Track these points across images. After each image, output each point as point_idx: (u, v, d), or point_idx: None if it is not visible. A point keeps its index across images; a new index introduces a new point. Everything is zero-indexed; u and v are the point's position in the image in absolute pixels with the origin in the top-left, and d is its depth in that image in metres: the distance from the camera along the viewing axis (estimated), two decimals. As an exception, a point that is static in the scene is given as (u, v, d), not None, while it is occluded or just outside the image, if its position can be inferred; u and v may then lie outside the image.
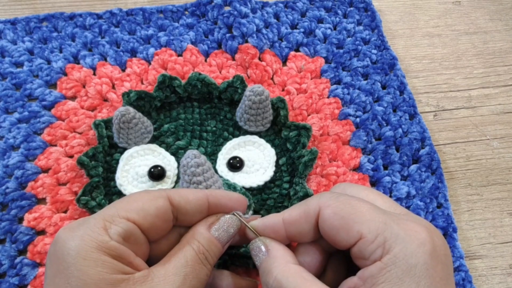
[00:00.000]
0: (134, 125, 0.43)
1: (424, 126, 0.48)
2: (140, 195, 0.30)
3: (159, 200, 0.29)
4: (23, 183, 0.43)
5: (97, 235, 0.26)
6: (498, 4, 0.62)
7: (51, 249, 0.27)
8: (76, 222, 0.28)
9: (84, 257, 0.26)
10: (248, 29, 0.53)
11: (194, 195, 0.31)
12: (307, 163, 0.43)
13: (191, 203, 0.30)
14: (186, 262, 0.28)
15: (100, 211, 0.29)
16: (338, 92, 0.50)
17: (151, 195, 0.29)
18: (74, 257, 0.26)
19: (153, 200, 0.29)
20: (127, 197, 0.30)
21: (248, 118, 0.45)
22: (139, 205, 0.29)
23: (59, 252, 0.26)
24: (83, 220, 0.28)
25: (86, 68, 0.51)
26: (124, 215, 0.28)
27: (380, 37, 0.55)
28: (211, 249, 0.30)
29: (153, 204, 0.29)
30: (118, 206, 0.29)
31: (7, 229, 0.40)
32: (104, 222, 0.27)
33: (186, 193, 0.31)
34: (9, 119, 0.47)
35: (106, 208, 0.29)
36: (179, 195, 0.30)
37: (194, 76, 0.48)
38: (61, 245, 0.26)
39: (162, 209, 0.29)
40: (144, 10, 0.56)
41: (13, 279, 0.38)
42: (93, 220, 0.27)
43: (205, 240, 0.30)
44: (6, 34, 0.53)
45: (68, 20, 0.55)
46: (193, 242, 0.30)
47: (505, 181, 0.47)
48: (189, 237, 0.30)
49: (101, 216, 0.28)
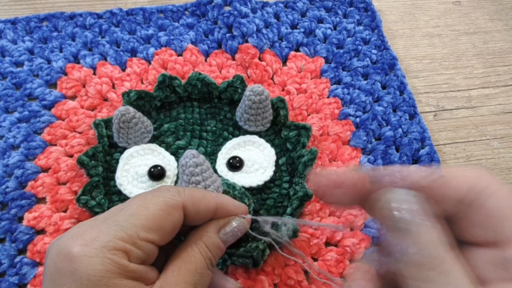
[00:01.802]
0: (134, 124, 0.43)
1: (424, 126, 0.48)
2: (156, 206, 0.28)
3: (175, 214, 0.28)
4: (23, 183, 0.43)
5: (119, 259, 0.26)
6: (498, 4, 0.62)
7: (64, 265, 0.25)
8: (89, 235, 0.26)
9: (107, 283, 0.25)
10: (248, 29, 0.53)
11: (205, 205, 0.30)
12: (307, 163, 0.43)
13: (201, 213, 0.30)
14: (195, 270, 0.28)
15: (117, 225, 0.27)
16: (338, 92, 0.50)
17: (168, 206, 0.28)
18: (96, 283, 0.25)
19: (170, 214, 0.28)
20: (143, 209, 0.28)
21: (248, 118, 0.45)
22: (157, 223, 0.28)
23: (79, 273, 0.25)
24: (97, 232, 0.26)
25: (86, 68, 0.51)
26: (145, 236, 0.27)
27: (380, 37, 0.55)
28: (216, 254, 0.30)
29: (171, 221, 0.28)
30: (137, 223, 0.27)
31: (7, 228, 0.40)
32: (125, 245, 0.26)
33: (198, 201, 0.30)
34: (9, 118, 0.47)
35: (124, 223, 0.27)
36: (192, 203, 0.29)
37: (194, 76, 0.48)
38: (80, 266, 0.25)
39: (178, 223, 0.29)
40: (144, 10, 0.56)
41: (13, 278, 0.38)
42: (112, 242, 0.26)
43: (213, 245, 0.30)
44: (7, 34, 0.53)
45: (68, 20, 0.55)
46: (201, 245, 0.30)
47: (505, 181, 0.47)
48: (197, 239, 0.30)
49: (120, 236, 0.26)
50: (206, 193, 0.31)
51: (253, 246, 0.38)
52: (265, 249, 0.38)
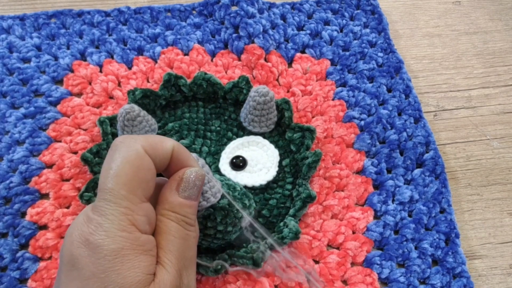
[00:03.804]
0: (138, 123, 0.43)
1: (429, 130, 0.47)
2: (129, 162, 0.27)
3: (146, 162, 0.28)
4: (27, 178, 0.44)
5: (129, 235, 0.26)
6: (498, 4, 0.61)
7: (80, 251, 0.26)
8: (94, 221, 0.26)
9: (122, 261, 0.25)
10: (254, 29, 0.53)
11: (163, 147, 0.29)
12: (310, 165, 0.43)
13: (159, 156, 0.29)
14: (173, 237, 0.29)
15: (109, 200, 0.27)
16: (343, 94, 0.50)
17: (138, 159, 0.28)
18: (111, 261, 0.25)
19: (146, 166, 0.28)
20: (121, 170, 0.27)
21: (253, 118, 0.45)
22: (142, 175, 0.27)
23: (95, 256, 0.25)
24: (99, 214, 0.26)
25: (93, 65, 0.51)
26: (140, 199, 0.27)
27: (386, 40, 0.54)
28: (186, 212, 0.30)
29: (149, 173, 0.28)
30: (128, 189, 0.27)
31: (10, 223, 0.41)
32: (127, 217, 0.26)
33: (155, 143, 0.29)
34: (15, 114, 0.47)
35: (117, 192, 0.27)
36: (150, 146, 0.29)
37: (200, 76, 0.48)
38: (95, 248, 0.25)
39: (152, 168, 0.29)
40: (152, 9, 0.56)
41: (14, 273, 0.39)
42: (116, 217, 0.26)
43: (178, 206, 0.30)
44: (15, 30, 0.53)
45: (76, 17, 0.55)
46: (167, 214, 0.29)
47: (505, 181, 0.47)
48: (160, 210, 0.30)
49: (121, 211, 0.26)
50: (162, 137, 0.31)
51: (253, 247, 0.38)
52: (266, 250, 0.38)
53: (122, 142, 0.28)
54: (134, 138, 0.29)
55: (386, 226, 0.42)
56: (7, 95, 0.49)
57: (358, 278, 0.39)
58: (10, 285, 0.38)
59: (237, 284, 0.38)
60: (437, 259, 0.41)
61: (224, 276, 0.39)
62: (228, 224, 0.35)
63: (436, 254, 0.41)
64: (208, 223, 0.34)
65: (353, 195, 0.44)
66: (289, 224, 0.39)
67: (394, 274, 0.40)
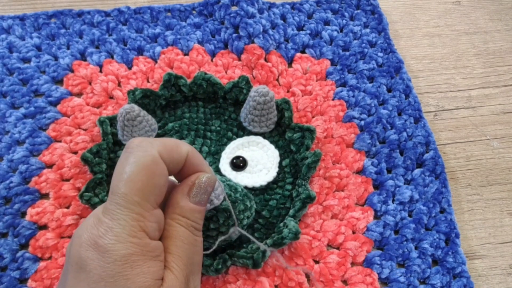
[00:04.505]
0: (138, 122, 0.43)
1: (429, 130, 0.47)
2: (145, 168, 0.27)
3: (161, 167, 0.28)
4: (27, 178, 0.44)
5: (139, 241, 0.26)
6: (498, 4, 0.61)
7: (89, 254, 0.26)
8: (105, 224, 0.26)
9: (131, 266, 0.25)
10: (254, 29, 0.53)
11: (178, 152, 0.29)
12: (310, 165, 0.43)
13: (174, 161, 0.29)
14: (182, 242, 0.29)
15: (121, 204, 0.26)
16: (343, 94, 0.50)
17: (154, 164, 0.27)
18: (121, 266, 0.25)
19: (160, 172, 0.28)
20: (136, 176, 0.27)
21: (253, 118, 0.45)
22: (156, 182, 0.27)
23: (104, 260, 0.25)
24: (110, 218, 0.26)
25: (93, 65, 0.51)
26: (152, 206, 0.27)
27: (386, 40, 0.54)
28: (196, 217, 0.30)
29: (163, 179, 0.28)
30: (141, 195, 0.26)
31: (10, 223, 0.41)
32: (139, 224, 0.26)
33: (171, 148, 0.29)
34: (15, 114, 0.47)
35: (131, 198, 0.26)
36: (166, 151, 0.28)
37: (200, 76, 0.48)
38: (104, 252, 0.25)
39: (165, 174, 0.28)
40: (152, 9, 0.56)
41: (14, 273, 0.39)
42: (127, 222, 0.26)
43: (188, 211, 0.29)
44: (15, 30, 0.53)
45: (76, 17, 0.55)
46: (177, 218, 0.29)
47: (505, 181, 0.47)
48: (171, 213, 0.29)
49: (133, 216, 0.26)
50: (177, 141, 0.30)
51: (254, 247, 0.38)
52: (266, 251, 0.38)
53: (138, 146, 0.28)
54: (151, 142, 0.28)
55: (386, 226, 0.42)
56: (7, 95, 0.49)
57: (358, 278, 0.39)
58: (10, 285, 0.38)
59: (237, 284, 0.38)
60: (437, 259, 0.41)
61: (224, 276, 0.39)
62: (230, 226, 0.35)
63: (436, 254, 0.41)
64: (210, 225, 0.34)
65: (353, 195, 0.44)
66: (289, 224, 0.39)
67: (394, 274, 0.40)
